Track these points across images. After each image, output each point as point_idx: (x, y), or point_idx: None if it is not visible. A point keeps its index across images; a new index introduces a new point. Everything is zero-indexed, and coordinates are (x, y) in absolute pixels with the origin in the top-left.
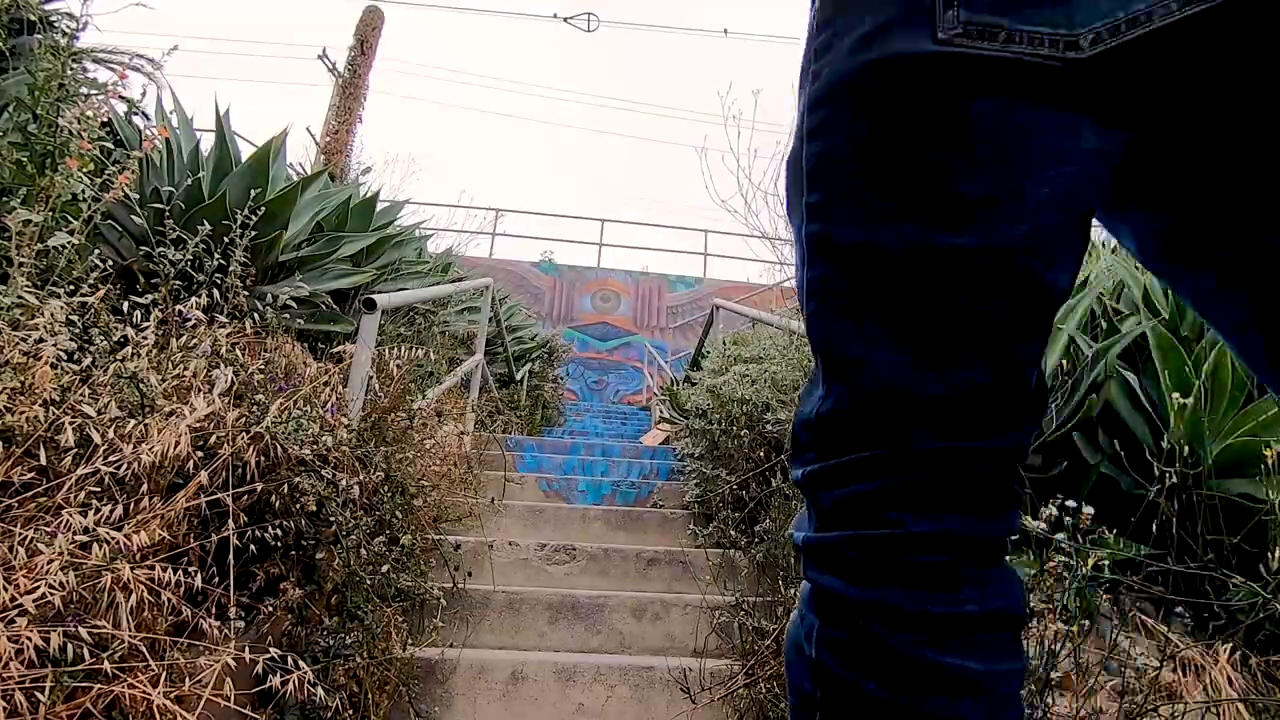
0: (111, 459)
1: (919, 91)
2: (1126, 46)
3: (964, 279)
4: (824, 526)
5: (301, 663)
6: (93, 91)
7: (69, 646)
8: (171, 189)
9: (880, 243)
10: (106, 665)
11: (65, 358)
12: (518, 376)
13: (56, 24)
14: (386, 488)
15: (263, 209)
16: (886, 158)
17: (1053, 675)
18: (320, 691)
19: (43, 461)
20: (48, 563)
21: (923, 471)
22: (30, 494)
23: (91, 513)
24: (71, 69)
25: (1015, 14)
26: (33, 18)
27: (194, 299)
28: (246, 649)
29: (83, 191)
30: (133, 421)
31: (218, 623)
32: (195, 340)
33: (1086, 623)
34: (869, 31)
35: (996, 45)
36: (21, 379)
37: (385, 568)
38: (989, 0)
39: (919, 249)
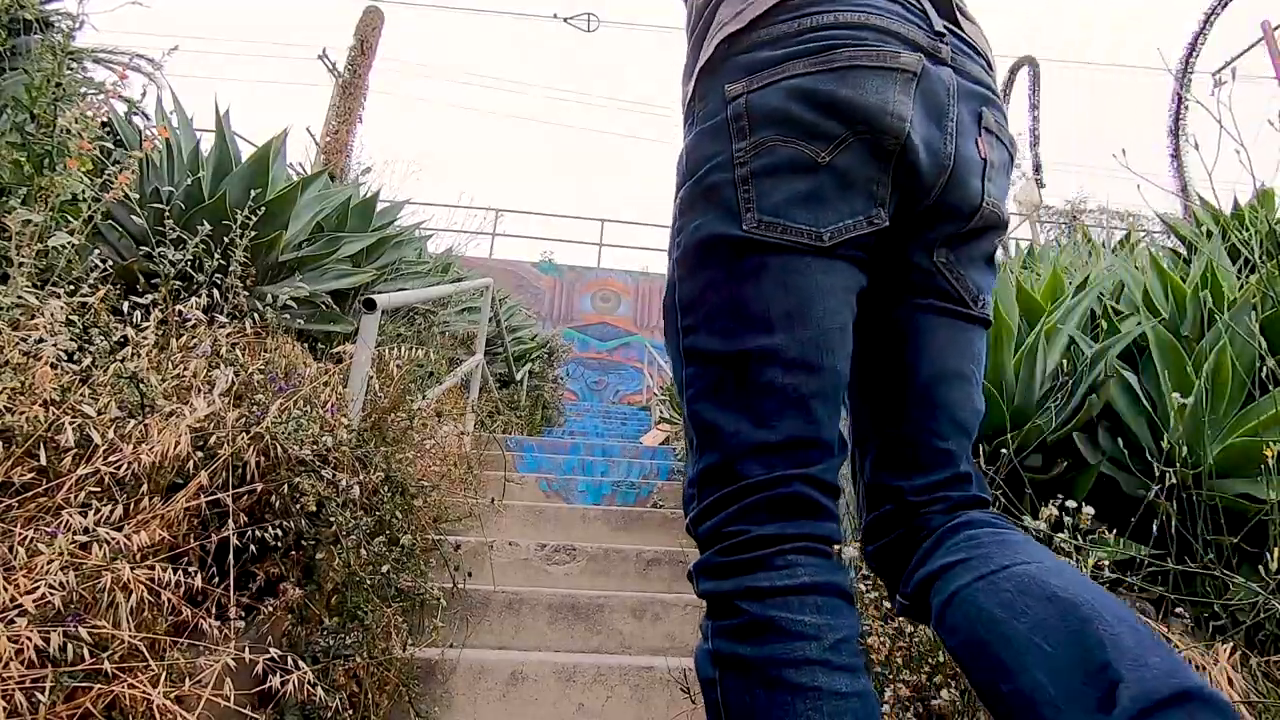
0: (111, 459)
1: (736, 255)
2: (849, 239)
3: (777, 365)
4: (704, 549)
5: (301, 663)
6: (92, 91)
7: (69, 646)
8: (171, 189)
9: (726, 347)
10: (107, 665)
11: (65, 358)
12: (518, 376)
13: (56, 24)
14: (386, 488)
15: (263, 209)
16: (723, 294)
17: None
18: (320, 691)
19: (43, 461)
20: (47, 563)
21: (759, 494)
22: (30, 494)
23: (91, 513)
24: (70, 69)
25: (786, 217)
26: (30, 17)
27: (194, 299)
28: (246, 649)
29: (82, 191)
30: (133, 421)
31: (218, 623)
32: (195, 340)
33: None
34: (703, 222)
35: (776, 234)
36: (21, 379)
37: (385, 568)
38: (770, 209)
39: (749, 348)
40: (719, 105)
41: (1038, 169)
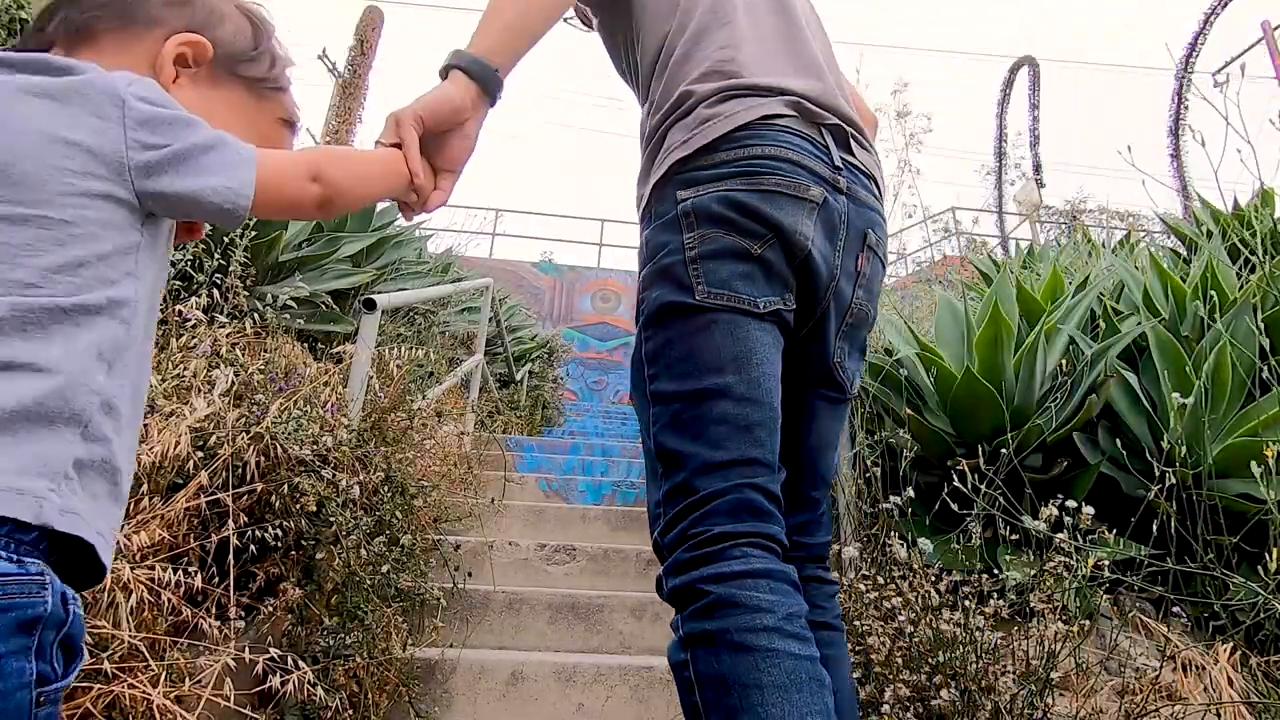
0: None
1: (691, 317)
2: (775, 310)
3: (729, 399)
4: (670, 552)
5: (301, 662)
6: None
7: None
8: None
9: (686, 386)
10: (107, 665)
11: None
12: (518, 377)
13: None
14: (386, 488)
15: None
16: (681, 346)
17: (1053, 675)
18: (320, 691)
19: None
20: None
21: (716, 500)
22: None
23: None
24: None
25: (729, 289)
26: (28, 17)
27: (194, 299)
28: (247, 649)
29: None
30: None
31: (218, 623)
32: (195, 340)
33: (1086, 623)
34: (661, 294)
35: (723, 301)
36: None
37: (385, 568)
38: (716, 283)
39: (705, 386)
40: (671, 206)
41: (1038, 169)
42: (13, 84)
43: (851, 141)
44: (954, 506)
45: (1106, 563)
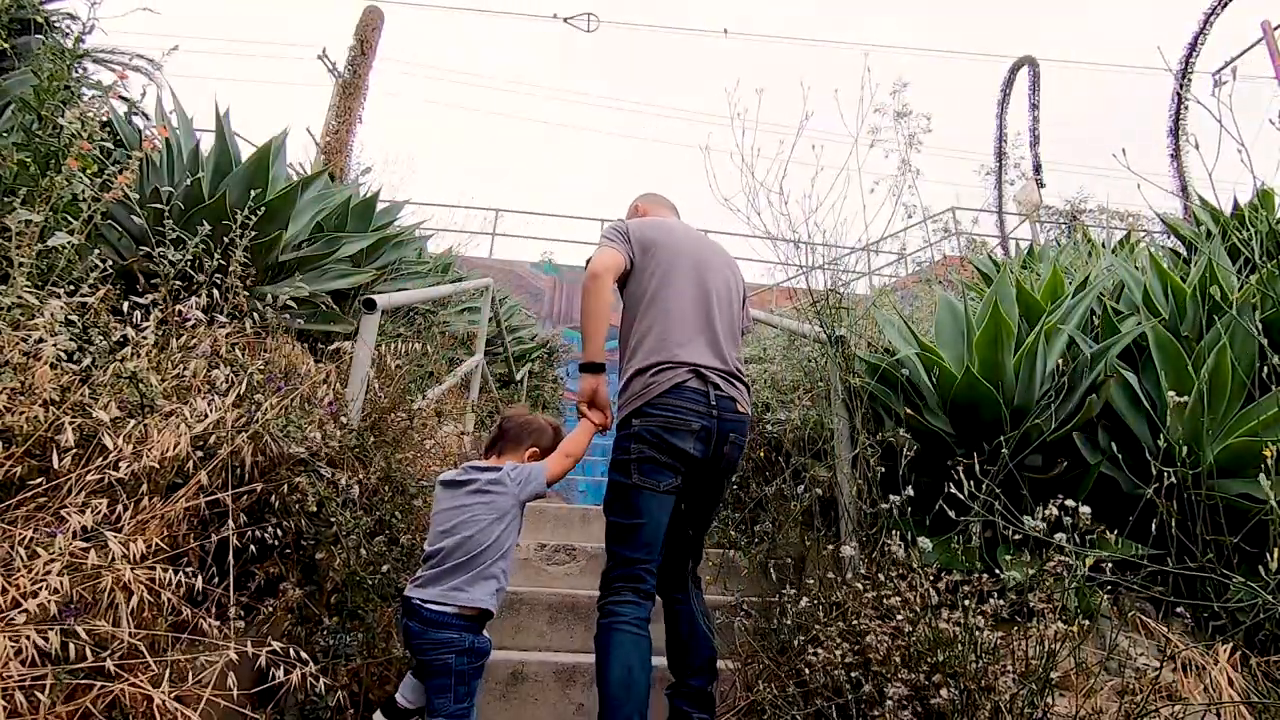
0: (111, 458)
1: (628, 488)
2: (669, 488)
3: (641, 529)
4: (608, 592)
5: (303, 654)
6: (94, 92)
7: (70, 646)
8: (171, 189)
9: (622, 520)
10: (108, 664)
11: (65, 358)
12: (518, 376)
13: (58, 25)
14: (386, 488)
15: (263, 209)
16: (621, 500)
17: (1052, 675)
18: (321, 690)
19: (44, 461)
20: (46, 564)
21: (624, 569)
22: (30, 494)
23: (90, 512)
24: (78, 70)
25: (648, 479)
26: (30, 18)
27: (194, 299)
28: (249, 644)
29: (83, 191)
30: (133, 422)
31: (218, 623)
32: (195, 340)
33: (1086, 623)
34: (619, 475)
35: (646, 484)
36: (21, 379)
37: (385, 567)
38: (643, 475)
39: (631, 521)
40: (627, 426)
41: (1038, 169)
42: (482, 479)
43: (722, 382)
44: (952, 514)
45: (1106, 563)
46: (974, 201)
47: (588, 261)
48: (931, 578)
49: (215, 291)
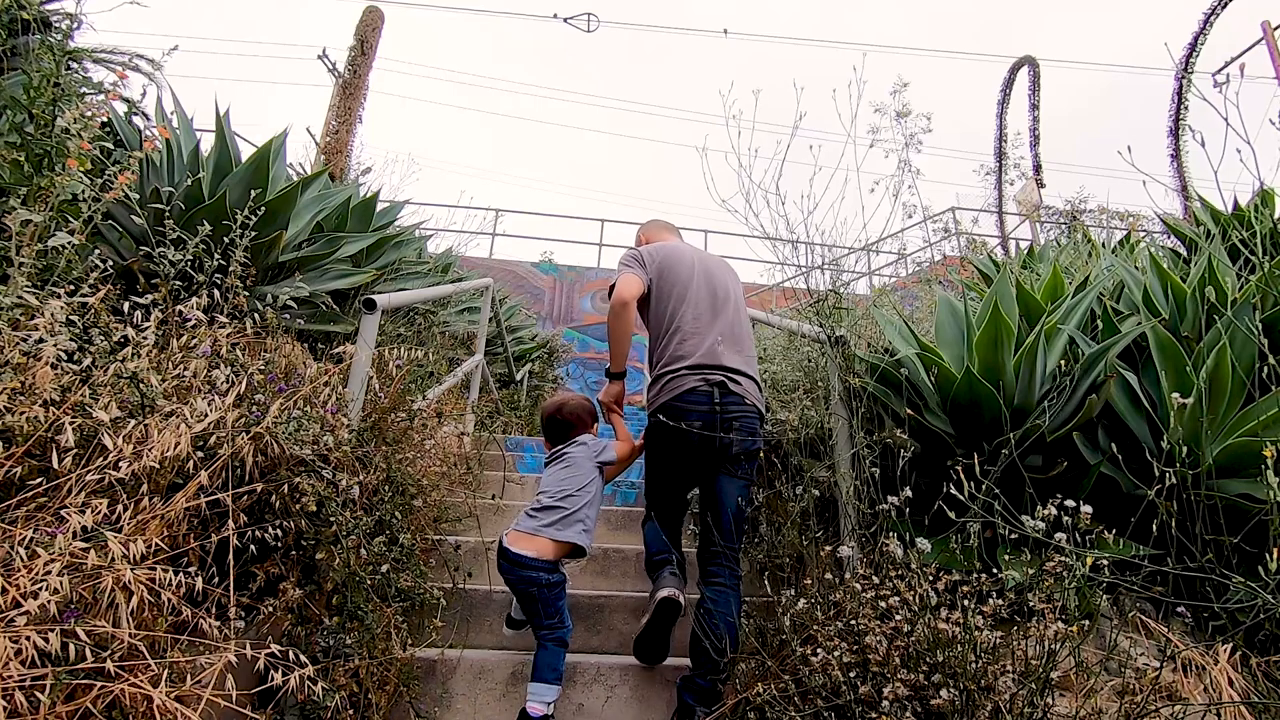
0: (111, 458)
1: (657, 431)
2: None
3: (669, 478)
4: (647, 511)
5: (302, 657)
6: (92, 91)
7: (70, 646)
8: (171, 189)
9: (655, 463)
10: (108, 665)
11: (65, 358)
12: (518, 377)
13: (56, 24)
14: (386, 488)
15: (263, 209)
16: (653, 446)
17: (1052, 675)
18: (320, 690)
19: (45, 462)
20: (46, 564)
21: (651, 502)
22: (30, 494)
23: (90, 512)
24: (70, 69)
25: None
26: (29, 17)
27: (194, 299)
28: (248, 645)
29: (82, 191)
30: (133, 422)
31: (218, 623)
32: (195, 340)
33: (1086, 623)
34: (650, 428)
35: (673, 422)
36: (21, 379)
37: (385, 568)
38: (667, 411)
39: (658, 470)
40: (652, 418)
41: (1038, 169)
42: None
43: (728, 381)
44: (951, 514)
45: (1106, 563)
46: (974, 201)
47: (611, 288)
48: (931, 578)
49: (215, 291)
